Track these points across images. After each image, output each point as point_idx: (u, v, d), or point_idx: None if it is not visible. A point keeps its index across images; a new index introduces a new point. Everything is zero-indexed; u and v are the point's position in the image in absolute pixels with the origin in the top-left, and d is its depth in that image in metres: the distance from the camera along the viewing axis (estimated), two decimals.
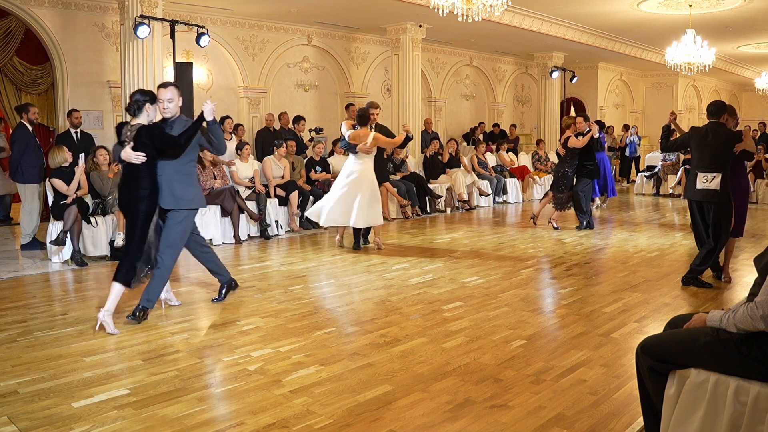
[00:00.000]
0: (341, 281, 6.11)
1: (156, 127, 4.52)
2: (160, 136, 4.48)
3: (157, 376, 3.70)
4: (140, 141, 4.43)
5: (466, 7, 7.90)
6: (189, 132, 4.51)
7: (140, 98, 4.51)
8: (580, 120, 9.08)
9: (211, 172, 8.49)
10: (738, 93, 25.00)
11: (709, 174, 5.67)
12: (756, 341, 2.40)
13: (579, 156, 8.97)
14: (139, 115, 4.53)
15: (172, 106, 4.63)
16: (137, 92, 4.59)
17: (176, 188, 4.69)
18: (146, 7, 8.67)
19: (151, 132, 4.47)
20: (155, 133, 4.48)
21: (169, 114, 4.65)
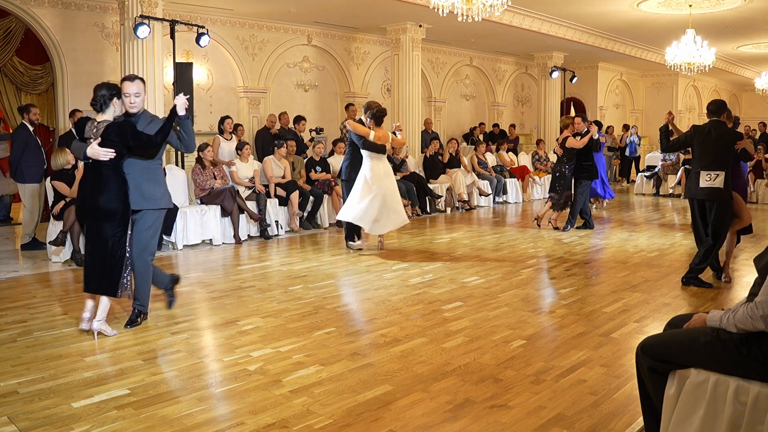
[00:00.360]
0: (341, 281, 6.11)
1: (128, 125, 4.22)
2: (134, 134, 4.21)
3: (157, 376, 3.70)
4: (109, 139, 4.15)
5: (466, 7, 7.90)
6: (165, 129, 4.29)
7: (106, 93, 4.23)
8: (579, 120, 9.06)
9: (211, 172, 8.49)
10: (738, 93, 25.00)
11: (713, 172, 5.67)
12: (756, 341, 2.40)
13: (577, 156, 8.96)
14: (105, 111, 4.27)
15: (138, 100, 4.34)
16: (102, 86, 4.29)
17: (145, 187, 4.42)
18: (146, 7, 8.67)
19: (123, 130, 4.18)
20: (127, 131, 4.19)
21: (135, 109, 4.35)
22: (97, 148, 4.12)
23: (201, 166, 8.44)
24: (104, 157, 4.11)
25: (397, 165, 11.10)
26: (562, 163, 9.07)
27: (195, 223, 8.04)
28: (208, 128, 11.43)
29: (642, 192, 14.74)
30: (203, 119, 11.39)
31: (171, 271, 6.81)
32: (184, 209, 8.03)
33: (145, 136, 4.22)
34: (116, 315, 4.89)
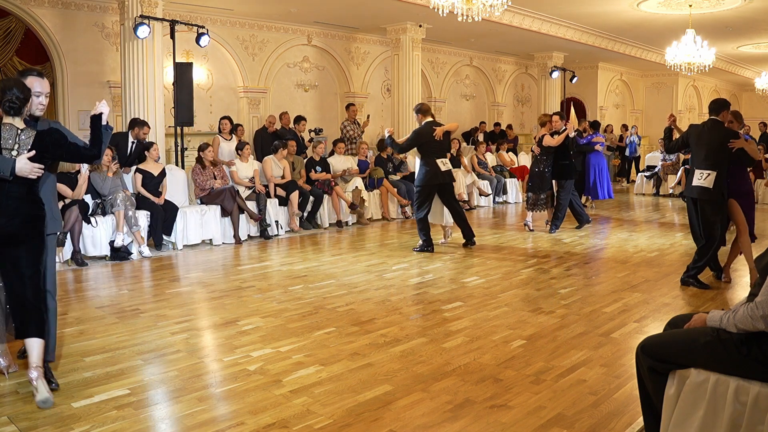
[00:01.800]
0: (341, 281, 6.11)
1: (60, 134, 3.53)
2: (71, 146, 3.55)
3: (157, 376, 3.70)
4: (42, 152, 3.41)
5: (466, 7, 7.90)
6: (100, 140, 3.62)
7: (20, 95, 3.37)
8: (556, 118, 8.86)
9: (211, 172, 8.50)
10: (738, 93, 24.99)
11: (705, 171, 5.65)
12: (756, 341, 2.40)
13: (554, 155, 8.77)
14: (18, 115, 3.41)
15: (46, 102, 3.61)
16: (14, 85, 3.38)
17: (54, 207, 3.75)
18: (146, 7, 8.68)
19: (59, 141, 3.50)
20: (65, 143, 3.52)
21: (41, 112, 3.59)
22: (29, 164, 3.32)
23: (201, 166, 8.45)
24: (35, 174, 3.35)
25: (396, 165, 11.12)
26: (539, 162, 8.83)
27: (195, 223, 8.04)
28: (208, 128, 11.44)
29: (642, 192, 14.74)
30: (203, 119, 11.39)
31: (171, 271, 6.83)
32: (184, 209, 8.04)
33: (84, 149, 3.60)
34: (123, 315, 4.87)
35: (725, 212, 5.79)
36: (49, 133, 3.50)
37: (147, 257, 7.32)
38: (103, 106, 3.64)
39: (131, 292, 5.79)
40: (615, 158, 17.66)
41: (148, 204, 7.61)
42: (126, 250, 7.22)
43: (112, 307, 5.22)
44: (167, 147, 9.97)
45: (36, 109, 3.55)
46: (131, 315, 4.97)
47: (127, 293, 5.75)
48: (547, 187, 8.85)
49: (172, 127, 9.53)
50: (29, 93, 3.44)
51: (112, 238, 7.16)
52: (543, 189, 8.82)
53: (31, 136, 3.42)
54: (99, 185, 7.28)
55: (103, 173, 7.31)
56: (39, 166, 3.38)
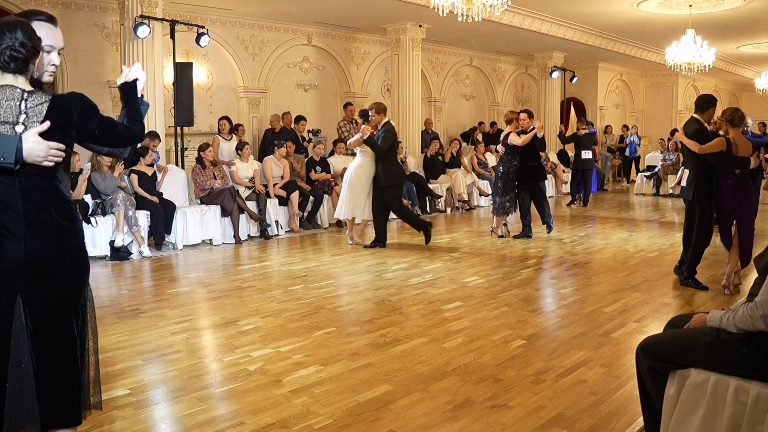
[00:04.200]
0: (341, 281, 6.11)
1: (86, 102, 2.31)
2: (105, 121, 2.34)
3: (157, 376, 3.70)
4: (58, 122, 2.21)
5: (466, 7, 7.90)
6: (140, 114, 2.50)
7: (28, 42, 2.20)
8: (524, 116, 8.37)
9: (211, 172, 8.50)
10: (738, 93, 24.99)
11: (687, 171, 5.76)
12: (756, 341, 2.40)
13: (521, 155, 8.27)
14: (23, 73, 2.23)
15: (58, 62, 2.44)
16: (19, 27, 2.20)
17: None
18: (146, 7, 8.67)
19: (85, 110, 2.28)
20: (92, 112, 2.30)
21: (51, 77, 2.44)
22: (42, 143, 2.14)
23: (201, 166, 8.45)
24: (51, 160, 2.17)
25: None
26: (505, 162, 8.33)
27: (195, 223, 8.05)
28: (208, 128, 11.44)
29: (642, 192, 14.74)
30: (203, 119, 11.39)
31: (171, 271, 6.83)
32: (184, 209, 8.04)
33: (122, 126, 2.41)
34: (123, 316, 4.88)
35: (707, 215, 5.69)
36: (71, 99, 2.27)
37: (147, 257, 7.32)
38: (136, 70, 2.52)
39: (131, 292, 5.79)
40: (616, 158, 17.66)
41: (148, 204, 7.61)
42: (126, 250, 7.22)
43: (112, 307, 5.22)
44: (167, 147, 9.97)
45: (46, 72, 2.39)
46: (131, 315, 4.96)
47: (127, 293, 5.75)
48: (510, 189, 8.31)
49: (172, 127, 9.53)
50: (39, 43, 2.26)
51: (112, 238, 7.16)
52: (507, 191, 8.30)
53: (43, 102, 2.21)
54: (102, 186, 7.28)
55: (104, 173, 7.31)
56: (58, 145, 2.17)
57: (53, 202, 2.23)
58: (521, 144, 8.19)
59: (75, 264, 2.31)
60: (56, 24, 2.49)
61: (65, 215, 2.25)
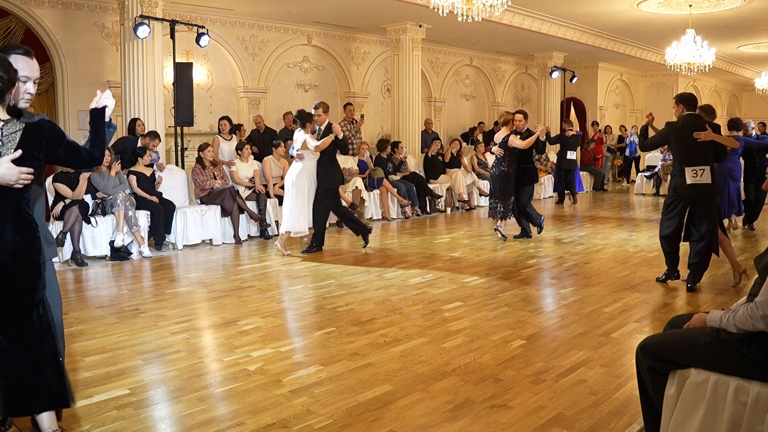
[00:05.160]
0: (341, 281, 6.11)
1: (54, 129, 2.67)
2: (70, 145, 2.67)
3: (157, 376, 3.70)
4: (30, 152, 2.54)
5: (466, 7, 7.90)
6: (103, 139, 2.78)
7: (5, 75, 2.51)
8: (519, 117, 8.22)
9: (211, 172, 8.50)
10: (738, 93, 24.99)
11: (698, 168, 5.55)
12: (756, 341, 2.40)
13: (518, 157, 8.14)
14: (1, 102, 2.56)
15: (34, 92, 2.77)
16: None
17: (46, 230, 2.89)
18: (146, 7, 8.67)
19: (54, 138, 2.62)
20: (59, 140, 2.63)
21: (27, 104, 2.74)
22: (13, 168, 2.47)
23: (201, 166, 8.45)
24: (23, 181, 2.50)
25: (396, 165, 11.12)
26: (503, 164, 8.12)
27: (195, 223, 8.05)
28: (208, 128, 11.44)
29: (642, 192, 14.74)
30: (203, 119, 11.39)
31: (171, 271, 6.83)
32: (184, 209, 8.04)
33: (84, 151, 2.71)
34: (124, 316, 4.87)
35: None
36: (41, 127, 2.60)
37: (147, 257, 7.32)
38: (106, 98, 2.82)
39: (131, 292, 5.79)
40: (617, 158, 17.66)
41: (148, 204, 7.61)
42: (126, 250, 7.22)
43: (112, 307, 5.22)
44: (167, 147, 9.97)
45: (21, 99, 2.68)
46: (131, 315, 4.96)
47: (127, 293, 5.75)
48: (511, 192, 8.17)
49: (172, 127, 9.53)
50: (15, 75, 2.56)
51: (112, 238, 7.16)
52: (508, 194, 8.15)
53: (17, 131, 2.53)
54: (101, 185, 7.28)
55: (104, 173, 7.31)
56: (27, 170, 2.50)
57: (14, 220, 2.54)
58: (524, 147, 8.04)
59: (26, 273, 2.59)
60: (32, 56, 2.76)
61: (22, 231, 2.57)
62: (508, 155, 8.12)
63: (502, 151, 8.15)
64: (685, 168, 5.61)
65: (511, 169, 8.14)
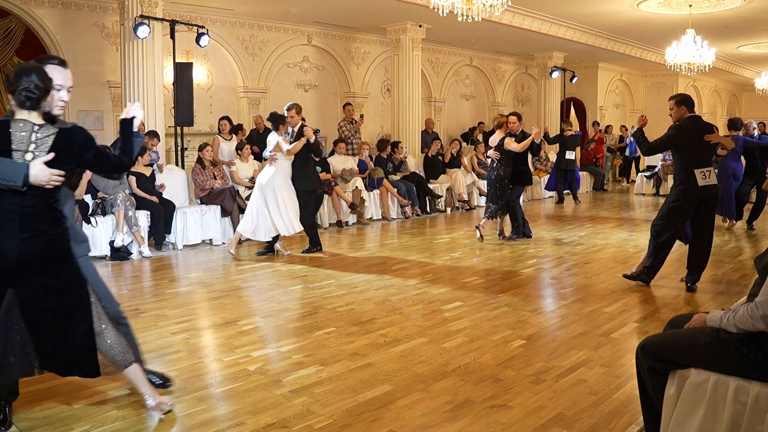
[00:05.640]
0: (341, 281, 6.11)
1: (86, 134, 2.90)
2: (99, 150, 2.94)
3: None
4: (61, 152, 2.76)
5: (466, 7, 7.90)
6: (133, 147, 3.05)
7: (41, 84, 2.75)
8: (513, 119, 8.20)
9: (210, 172, 8.50)
10: (738, 93, 25.00)
11: (705, 170, 5.53)
12: (756, 341, 2.40)
13: (513, 160, 8.09)
14: (36, 109, 2.78)
15: (68, 99, 3.00)
16: (32, 71, 2.76)
17: (78, 229, 3.22)
18: (146, 7, 8.67)
19: (84, 142, 2.86)
20: (90, 144, 2.88)
21: (60, 111, 2.96)
22: (46, 170, 2.70)
23: (201, 166, 8.45)
24: (54, 182, 2.74)
25: (396, 165, 11.12)
26: (499, 167, 8.04)
27: (195, 223, 8.05)
28: (208, 128, 11.44)
29: (642, 192, 14.74)
30: (203, 119, 11.39)
31: (171, 271, 6.83)
32: (184, 209, 8.04)
33: (114, 158, 3.00)
34: None
35: None
36: (73, 133, 2.83)
37: (147, 257, 7.32)
38: (135, 110, 3.07)
39: (131, 292, 5.79)
40: (617, 158, 17.66)
41: (148, 204, 7.61)
42: (126, 250, 7.22)
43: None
44: (167, 147, 9.97)
45: (56, 106, 2.90)
46: (131, 315, 4.94)
47: (127, 293, 5.75)
48: (506, 195, 8.13)
49: (172, 127, 9.53)
50: (50, 83, 2.80)
51: (112, 238, 7.16)
52: (503, 197, 8.10)
53: (50, 135, 2.76)
54: (102, 185, 7.28)
55: None
56: (58, 172, 2.71)
57: (46, 215, 2.80)
58: (519, 150, 8.02)
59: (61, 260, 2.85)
60: (66, 66, 3.01)
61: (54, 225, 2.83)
62: (504, 158, 8.07)
63: (498, 155, 8.07)
64: (694, 170, 5.53)
65: (507, 172, 8.08)
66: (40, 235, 2.77)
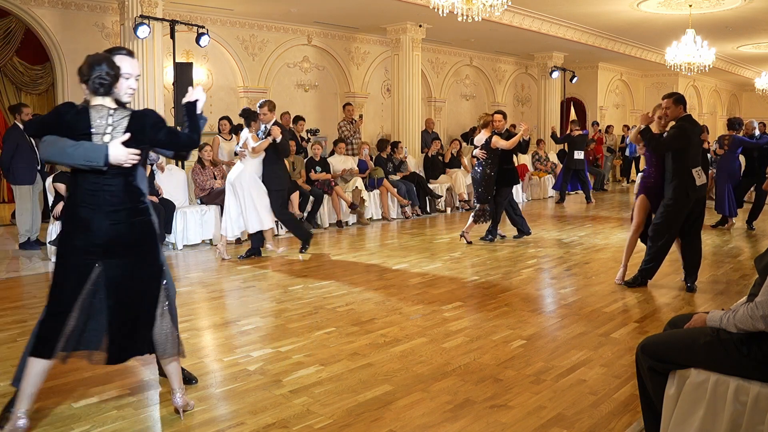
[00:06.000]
0: (341, 281, 6.11)
1: (156, 115, 3.14)
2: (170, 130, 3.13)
3: (157, 376, 3.69)
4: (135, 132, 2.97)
5: (466, 7, 7.90)
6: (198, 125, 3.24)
7: (111, 71, 2.98)
8: (499, 117, 8.00)
9: (211, 172, 8.50)
10: (738, 93, 25.00)
11: (699, 168, 5.63)
12: (756, 341, 2.40)
13: (500, 159, 7.91)
14: (109, 95, 3.02)
15: (135, 87, 3.25)
16: (102, 60, 2.99)
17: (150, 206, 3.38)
18: (146, 7, 8.68)
19: (156, 122, 3.07)
20: (161, 124, 3.08)
21: (129, 98, 3.19)
22: (124, 150, 2.92)
23: (201, 166, 8.45)
24: (131, 160, 2.96)
25: (396, 165, 11.12)
26: (486, 167, 7.85)
27: (195, 223, 8.05)
28: (208, 128, 11.43)
29: None
30: None
31: (171, 271, 6.82)
32: (184, 209, 8.04)
33: (184, 135, 3.19)
34: None
35: None
36: (145, 114, 3.08)
37: None
38: (198, 93, 3.24)
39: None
40: (617, 158, 17.66)
41: None
42: None
43: None
44: None
45: (125, 94, 3.13)
46: None
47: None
48: (491, 195, 7.92)
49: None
50: (119, 71, 3.03)
51: None
52: (488, 197, 7.90)
53: (124, 117, 2.98)
54: None
55: None
56: (135, 151, 2.94)
57: (126, 191, 3.00)
58: (508, 147, 7.81)
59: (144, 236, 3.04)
60: (134, 56, 3.27)
61: (135, 199, 3.03)
62: (490, 157, 7.88)
63: (485, 154, 7.88)
64: (692, 170, 5.54)
65: (494, 172, 7.90)
66: (123, 209, 2.97)
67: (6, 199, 11.11)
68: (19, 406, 2.87)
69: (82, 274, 2.92)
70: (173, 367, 3.13)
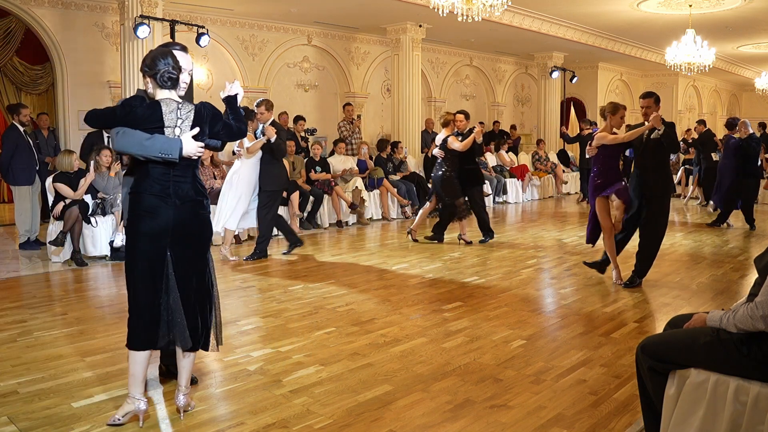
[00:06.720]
0: (341, 281, 6.11)
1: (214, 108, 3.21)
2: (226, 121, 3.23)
3: (157, 377, 3.69)
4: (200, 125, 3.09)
5: (466, 7, 7.90)
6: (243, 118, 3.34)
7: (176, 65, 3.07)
8: (461, 117, 7.89)
9: (211, 172, 8.50)
10: (738, 93, 25.00)
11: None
12: (756, 341, 2.40)
13: (460, 159, 7.78)
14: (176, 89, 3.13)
15: (189, 81, 3.27)
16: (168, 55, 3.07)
17: None
18: (146, 7, 8.68)
19: (215, 115, 3.16)
20: (219, 116, 3.19)
21: (183, 92, 3.22)
22: (193, 143, 3.02)
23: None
24: (196, 155, 3.06)
25: (396, 165, 11.12)
26: (444, 167, 7.76)
27: None
28: None
29: None
30: None
31: None
32: None
33: (234, 126, 3.26)
34: None
35: None
36: (204, 108, 3.14)
37: None
38: (236, 87, 3.32)
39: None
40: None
41: None
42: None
43: (112, 307, 5.22)
44: None
45: (179, 88, 3.16)
46: None
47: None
48: (457, 194, 7.76)
49: None
50: (180, 66, 3.08)
51: (111, 238, 7.15)
52: (458, 194, 7.75)
53: (190, 111, 3.07)
54: (101, 185, 7.28)
55: (103, 173, 7.31)
56: (201, 144, 3.05)
57: (192, 183, 3.10)
58: (462, 149, 7.65)
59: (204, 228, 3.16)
60: (187, 51, 3.28)
61: (199, 192, 3.13)
62: (448, 157, 7.74)
63: (442, 153, 7.77)
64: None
65: (453, 173, 7.74)
66: (190, 200, 3.07)
67: (6, 200, 11.12)
68: (134, 391, 3.05)
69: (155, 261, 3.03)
70: (187, 362, 3.16)
